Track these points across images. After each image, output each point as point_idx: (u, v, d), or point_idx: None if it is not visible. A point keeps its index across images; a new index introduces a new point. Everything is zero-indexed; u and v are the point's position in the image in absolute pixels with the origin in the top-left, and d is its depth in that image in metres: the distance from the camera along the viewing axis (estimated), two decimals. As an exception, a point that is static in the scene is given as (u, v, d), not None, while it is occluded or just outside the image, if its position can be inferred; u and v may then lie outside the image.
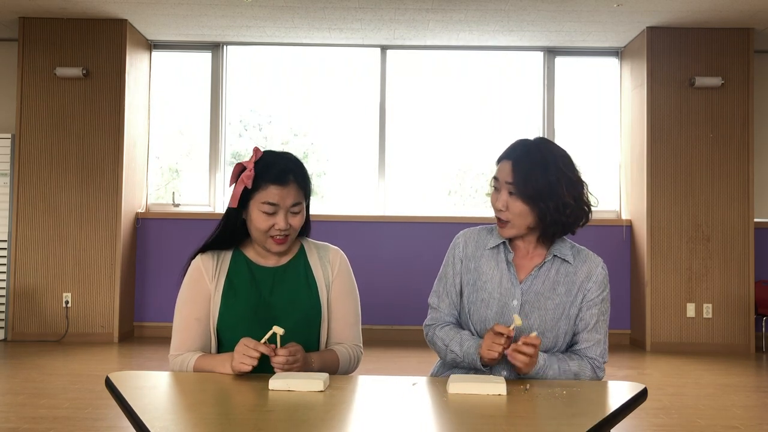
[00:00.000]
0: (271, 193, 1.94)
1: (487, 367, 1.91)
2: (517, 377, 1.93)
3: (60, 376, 4.76)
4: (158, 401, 1.69)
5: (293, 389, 1.68)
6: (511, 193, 1.93)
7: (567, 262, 1.99)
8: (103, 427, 3.60)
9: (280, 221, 1.95)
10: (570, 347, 2.02)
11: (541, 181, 1.90)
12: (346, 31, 6.33)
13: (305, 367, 1.87)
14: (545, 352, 1.94)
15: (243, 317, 1.97)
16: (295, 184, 1.97)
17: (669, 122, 6.17)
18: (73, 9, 5.92)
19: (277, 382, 1.70)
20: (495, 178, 1.98)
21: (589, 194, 2.00)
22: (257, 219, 1.95)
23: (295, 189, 1.97)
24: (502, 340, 1.82)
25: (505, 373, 1.96)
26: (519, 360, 1.80)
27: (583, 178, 2.01)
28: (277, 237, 1.97)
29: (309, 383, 1.69)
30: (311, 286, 2.04)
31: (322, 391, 1.68)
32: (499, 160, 1.99)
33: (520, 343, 1.80)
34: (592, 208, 2.03)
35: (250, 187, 1.94)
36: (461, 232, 2.11)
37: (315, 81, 6.98)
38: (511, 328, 1.82)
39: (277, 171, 1.96)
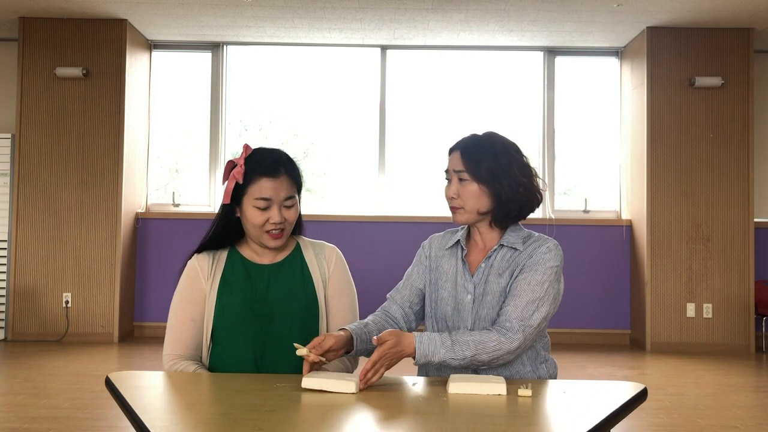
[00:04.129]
0: (264, 186, 1.95)
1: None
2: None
3: (60, 376, 4.76)
4: (158, 401, 1.69)
5: (326, 389, 1.68)
6: (461, 180, 1.97)
7: (515, 249, 1.98)
8: (103, 427, 3.60)
9: (274, 215, 1.96)
10: None
11: (492, 163, 1.95)
12: (346, 31, 6.33)
13: None
14: None
15: (238, 314, 1.98)
16: (286, 176, 1.99)
17: (669, 122, 6.17)
18: (73, 9, 5.92)
19: (311, 381, 1.69)
20: (446, 170, 2.03)
21: (538, 180, 2.02)
22: (251, 215, 1.96)
23: (287, 182, 1.99)
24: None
25: (470, 370, 1.95)
26: (373, 380, 1.76)
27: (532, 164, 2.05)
28: (273, 232, 1.98)
29: (341, 384, 1.69)
30: (307, 282, 2.05)
31: (354, 393, 1.68)
32: (449, 153, 2.05)
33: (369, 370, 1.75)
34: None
35: (241, 182, 1.96)
36: (428, 237, 2.17)
37: (315, 81, 6.98)
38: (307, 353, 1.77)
39: (268, 164, 1.98)
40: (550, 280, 1.92)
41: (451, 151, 2.04)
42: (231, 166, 2.00)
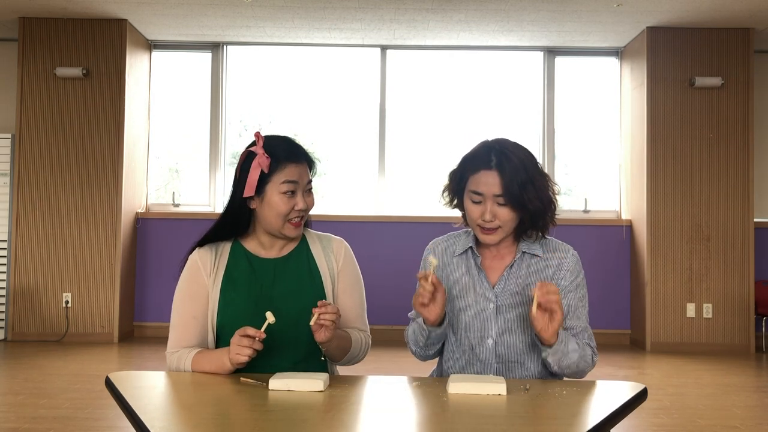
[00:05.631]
0: (290, 171, 1.94)
1: (432, 326, 1.89)
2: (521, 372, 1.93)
3: (60, 376, 4.76)
4: (158, 401, 1.69)
5: (293, 389, 1.68)
6: (500, 204, 1.89)
7: (537, 256, 1.98)
8: (103, 427, 3.60)
9: (299, 201, 1.95)
10: None
11: (529, 187, 1.88)
12: (346, 31, 6.33)
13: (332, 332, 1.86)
14: (528, 347, 1.94)
15: (243, 311, 1.95)
16: (305, 162, 1.99)
17: (669, 122, 6.17)
18: (73, 9, 5.92)
19: (277, 382, 1.69)
20: (477, 192, 1.90)
21: (553, 184, 1.99)
22: (278, 202, 1.93)
23: (306, 167, 1.99)
24: (426, 286, 1.80)
25: (492, 374, 1.95)
26: (551, 298, 1.75)
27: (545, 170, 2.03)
28: (294, 220, 1.96)
29: (309, 383, 1.69)
30: (315, 276, 2.02)
31: (321, 391, 1.68)
32: (475, 170, 1.92)
33: (540, 285, 1.76)
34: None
35: (267, 171, 1.92)
36: (430, 242, 2.10)
37: (315, 81, 6.98)
38: (430, 271, 1.80)
39: (290, 149, 1.97)
40: (586, 289, 2.01)
41: (479, 168, 1.91)
42: (248, 155, 1.95)
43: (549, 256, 1.98)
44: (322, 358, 1.95)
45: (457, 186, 2.00)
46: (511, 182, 1.87)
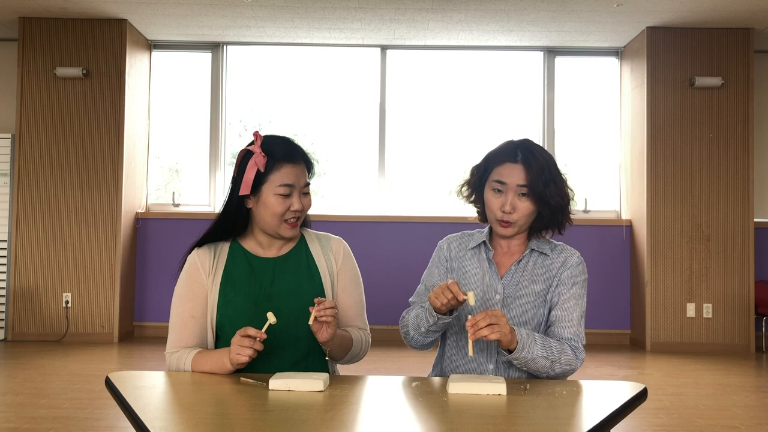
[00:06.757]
0: (287, 173, 1.93)
1: (440, 314, 1.88)
2: (512, 374, 1.93)
3: (60, 376, 4.76)
4: (158, 401, 1.69)
5: (293, 389, 1.68)
6: (522, 195, 1.96)
7: (545, 254, 2.04)
8: (103, 427, 3.60)
9: (295, 203, 1.94)
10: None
11: (551, 185, 1.96)
12: (346, 31, 6.33)
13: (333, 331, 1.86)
14: None
15: (243, 310, 1.95)
16: (303, 163, 1.98)
17: (669, 122, 6.17)
18: (73, 9, 5.92)
19: (277, 382, 1.69)
20: (500, 182, 1.97)
21: (569, 189, 2.05)
22: (273, 203, 1.92)
23: (304, 168, 1.98)
24: (449, 295, 1.80)
25: (492, 366, 1.97)
26: (482, 333, 1.75)
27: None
28: (291, 220, 1.96)
29: (309, 383, 1.69)
30: (314, 275, 2.02)
31: (321, 391, 1.68)
32: (500, 163, 1.99)
33: (469, 326, 1.76)
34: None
35: (263, 170, 1.92)
36: (445, 237, 2.16)
37: (315, 81, 6.98)
38: (465, 298, 1.79)
39: (287, 150, 1.96)
40: (585, 293, 2.04)
41: (504, 161, 1.98)
42: (245, 154, 1.95)
43: (556, 256, 2.04)
44: (327, 358, 1.95)
45: (479, 180, 2.05)
46: (537, 177, 1.94)
